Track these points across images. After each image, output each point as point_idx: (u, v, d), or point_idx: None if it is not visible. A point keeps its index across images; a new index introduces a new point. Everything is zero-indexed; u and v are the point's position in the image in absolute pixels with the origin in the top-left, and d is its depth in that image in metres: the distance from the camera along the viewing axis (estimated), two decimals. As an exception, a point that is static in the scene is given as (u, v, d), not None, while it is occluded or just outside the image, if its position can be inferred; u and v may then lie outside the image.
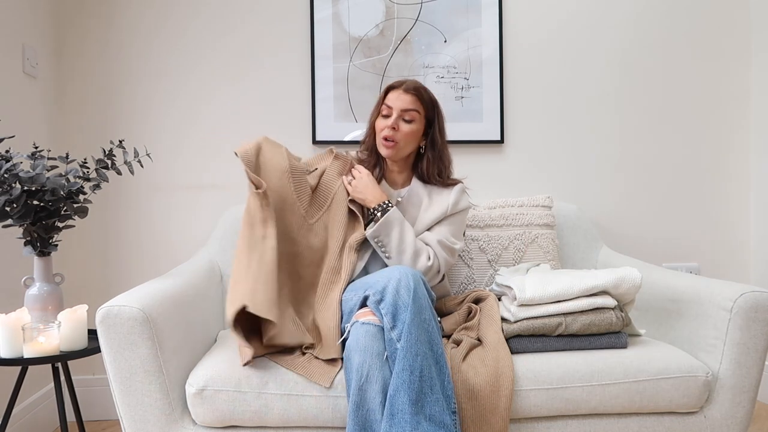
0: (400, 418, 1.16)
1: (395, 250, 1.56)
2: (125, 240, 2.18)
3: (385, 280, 1.31)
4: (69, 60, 2.16)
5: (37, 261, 1.57)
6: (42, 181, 1.48)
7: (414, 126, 1.64)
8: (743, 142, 2.33)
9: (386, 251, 1.57)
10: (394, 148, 1.64)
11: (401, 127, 1.63)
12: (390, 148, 1.64)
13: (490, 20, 2.24)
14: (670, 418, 1.42)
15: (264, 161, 1.61)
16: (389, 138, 1.63)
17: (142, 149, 2.15)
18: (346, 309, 1.42)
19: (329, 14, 2.20)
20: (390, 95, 1.67)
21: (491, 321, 1.50)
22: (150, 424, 1.33)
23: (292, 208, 1.59)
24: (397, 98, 1.64)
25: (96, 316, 1.31)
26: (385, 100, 1.67)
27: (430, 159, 1.69)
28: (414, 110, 1.64)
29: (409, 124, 1.64)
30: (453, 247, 1.64)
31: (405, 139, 1.64)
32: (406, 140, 1.64)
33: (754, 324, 1.42)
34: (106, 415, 2.15)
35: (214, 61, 2.20)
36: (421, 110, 1.65)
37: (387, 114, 1.65)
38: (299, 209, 1.61)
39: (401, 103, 1.63)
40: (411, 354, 1.20)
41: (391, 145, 1.63)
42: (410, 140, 1.65)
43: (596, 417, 1.40)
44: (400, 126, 1.63)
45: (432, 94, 1.69)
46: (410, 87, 1.65)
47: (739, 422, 1.43)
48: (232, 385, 1.32)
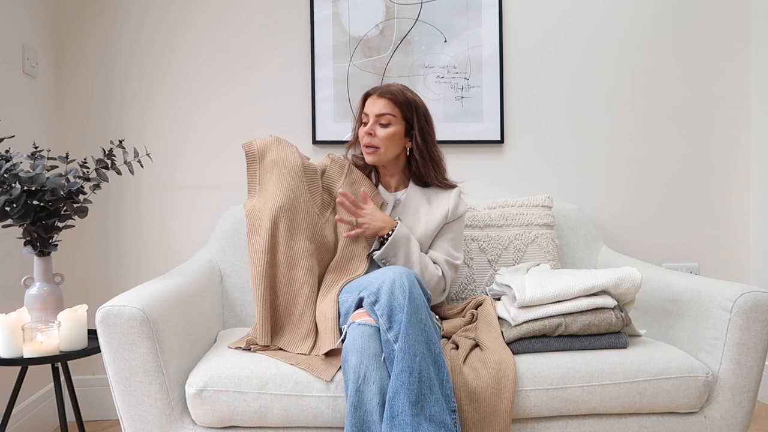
0: (401, 419, 1.16)
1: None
2: (125, 240, 2.18)
3: (379, 281, 1.31)
4: (69, 60, 2.16)
5: (37, 261, 1.57)
6: (42, 181, 1.48)
7: (391, 129, 1.64)
8: (743, 142, 2.33)
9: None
10: (376, 153, 1.65)
11: (377, 132, 1.64)
12: (371, 154, 1.65)
13: (490, 20, 2.24)
14: (670, 418, 1.42)
15: (276, 159, 1.61)
16: (369, 144, 1.64)
17: (142, 149, 2.15)
18: (342, 310, 1.42)
19: (329, 14, 2.20)
20: (367, 102, 1.68)
21: (489, 326, 1.51)
22: (150, 424, 1.33)
23: (307, 206, 1.60)
24: (372, 104, 1.66)
25: (96, 316, 1.31)
26: (362, 107, 1.69)
27: (419, 159, 1.69)
28: (388, 114, 1.64)
29: (386, 128, 1.64)
30: (456, 263, 1.68)
31: (384, 143, 1.64)
32: (385, 144, 1.65)
33: (754, 324, 1.42)
34: (106, 415, 2.15)
35: (214, 60, 2.19)
36: (397, 113, 1.65)
37: (365, 121, 1.66)
38: (313, 207, 1.61)
39: (375, 108, 1.64)
40: (409, 355, 1.20)
41: (372, 151, 1.65)
42: (390, 143, 1.65)
43: (596, 417, 1.40)
44: (377, 131, 1.64)
45: (411, 95, 1.68)
46: (384, 91, 1.66)
47: (739, 422, 1.43)
48: (232, 386, 1.32)
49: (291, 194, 1.57)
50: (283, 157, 1.62)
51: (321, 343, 1.43)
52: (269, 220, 1.54)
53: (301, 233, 1.57)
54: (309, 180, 1.63)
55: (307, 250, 1.56)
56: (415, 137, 1.67)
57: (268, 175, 1.62)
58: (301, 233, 1.57)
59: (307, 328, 1.51)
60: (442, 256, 1.65)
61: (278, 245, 1.55)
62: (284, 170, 1.60)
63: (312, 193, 1.62)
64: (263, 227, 1.55)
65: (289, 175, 1.59)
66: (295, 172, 1.60)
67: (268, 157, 1.63)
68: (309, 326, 1.51)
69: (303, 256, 1.56)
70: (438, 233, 1.68)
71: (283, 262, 1.55)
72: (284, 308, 1.54)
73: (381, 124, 1.64)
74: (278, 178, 1.59)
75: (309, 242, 1.57)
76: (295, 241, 1.56)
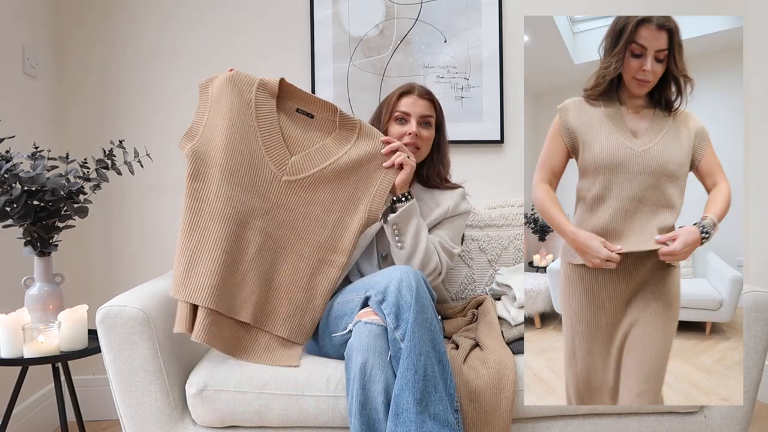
0: (405, 417, 1.16)
1: (410, 240, 1.52)
2: (125, 240, 2.18)
3: (386, 281, 1.31)
4: (69, 60, 2.16)
5: (37, 261, 1.57)
6: (42, 181, 1.48)
7: (432, 131, 1.66)
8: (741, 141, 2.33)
9: (401, 240, 1.53)
10: (416, 153, 1.62)
11: (422, 133, 1.63)
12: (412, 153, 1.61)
13: (490, 20, 2.24)
14: (670, 418, 1.42)
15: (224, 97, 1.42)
16: (412, 144, 1.61)
17: (142, 149, 2.15)
18: (347, 310, 1.42)
19: (329, 14, 2.20)
20: (404, 100, 1.65)
21: (489, 326, 1.51)
22: (150, 424, 1.33)
23: (257, 157, 1.43)
24: (413, 104, 1.64)
25: (96, 316, 1.32)
26: (397, 105, 1.65)
27: (435, 162, 1.69)
28: (430, 115, 1.65)
29: (428, 129, 1.65)
30: (452, 251, 1.64)
31: (426, 145, 1.65)
32: (426, 145, 1.65)
33: (754, 324, 1.42)
34: (106, 415, 2.15)
35: (214, 60, 2.19)
36: (434, 115, 1.67)
37: (404, 120, 1.64)
38: (265, 160, 1.44)
39: (420, 109, 1.63)
40: (415, 353, 1.21)
41: (414, 151, 1.61)
42: (428, 145, 1.66)
43: (596, 417, 1.40)
44: (422, 132, 1.63)
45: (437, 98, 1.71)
46: (424, 92, 1.66)
47: (739, 422, 1.43)
48: (233, 385, 1.32)
49: (238, 145, 1.41)
50: (233, 98, 1.43)
51: (282, 326, 1.41)
52: (219, 167, 1.39)
53: (251, 189, 1.42)
54: (261, 122, 1.45)
55: (260, 209, 1.42)
56: (439, 140, 1.69)
57: (217, 119, 1.43)
58: (251, 189, 1.42)
59: (249, 291, 1.38)
60: (436, 239, 1.61)
61: (228, 197, 1.38)
62: (231, 115, 1.41)
63: (268, 148, 1.45)
64: (210, 175, 1.39)
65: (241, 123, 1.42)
66: (240, 109, 1.42)
67: (218, 97, 1.43)
68: (251, 290, 1.38)
69: (255, 215, 1.41)
70: (436, 225, 1.67)
71: (233, 218, 1.38)
72: (226, 266, 1.36)
73: (423, 125, 1.64)
74: (222, 121, 1.41)
75: (260, 200, 1.42)
76: (247, 197, 1.40)
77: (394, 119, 1.65)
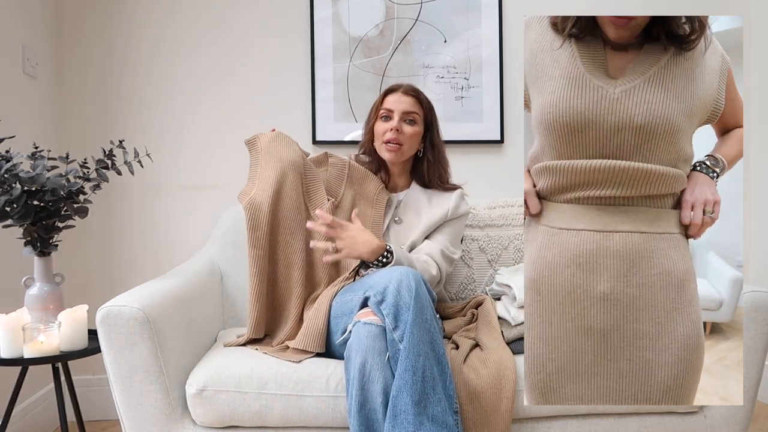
0: (403, 418, 1.16)
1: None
2: (125, 240, 2.18)
3: (385, 281, 1.31)
4: (69, 60, 2.16)
5: (37, 261, 1.57)
6: (42, 181, 1.48)
7: (416, 128, 1.65)
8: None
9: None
10: (399, 151, 1.64)
11: (404, 129, 1.63)
12: (394, 151, 1.64)
13: (490, 20, 2.24)
14: (670, 418, 1.42)
15: (277, 154, 1.63)
16: (393, 141, 1.62)
17: (142, 149, 2.14)
18: (346, 310, 1.42)
19: (329, 14, 2.20)
20: (389, 98, 1.67)
21: (489, 327, 1.51)
22: (150, 424, 1.33)
23: (301, 205, 1.62)
24: (397, 101, 1.65)
25: (96, 316, 1.32)
26: (383, 103, 1.67)
27: (431, 161, 1.69)
28: (415, 112, 1.65)
29: (412, 126, 1.65)
30: (453, 257, 1.66)
31: (409, 142, 1.64)
32: (410, 142, 1.65)
33: (754, 324, 1.42)
34: (106, 415, 2.15)
35: (214, 60, 2.19)
36: (421, 112, 1.67)
37: (387, 117, 1.65)
38: (310, 206, 1.64)
39: (403, 105, 1.64)
40: (413, 355, 1.21)
41: (396, 148, 1.63)
42: (413, 142, 1.66)
43: (596, 417, 1.40)
44: (404, 128, 1.63)
45: (427, 97, 1.70)
46: (409, 89, 1.67)
47: (739, 422, 1.43)
48: (232, 385, 1.32)
49: (289, 191, 1.59)
50: (282, 152, 1.63)
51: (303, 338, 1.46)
52: (267, 216, 1.56)
53: (297, 231, 1.59)
54: (308, 177, 1.65)
55: (303, 249, 1.60)
56: (431, 139, 1.69)
57: (268, 170, 1.62)
58: (297, 231, 1.59)
59: (293, 326, 1.55)
60: (437, 246, 1.62)
61: (278, 242, 1.58)
62: (282, 165, 1.61)
63: (309, 193, 1.65)
64: (262, 223, 1.56)
65: (291, 172, 1.61)
66: (294, 169, 1.62)
67: (268, 151, 1.64)
68: (294, 323, 1.56)
69: (299, 255, 1.59)
70: (436, 228, 1.67)
71: (282, 260, 1.59)
72: (279, 305, 1.59)
73: (407, 122, 1.64)
74: (274, 172, 1.60)
75: (304, 241, 1.60)
76: (293, 239, 1.59)
77: (379, 117, 1.67)
